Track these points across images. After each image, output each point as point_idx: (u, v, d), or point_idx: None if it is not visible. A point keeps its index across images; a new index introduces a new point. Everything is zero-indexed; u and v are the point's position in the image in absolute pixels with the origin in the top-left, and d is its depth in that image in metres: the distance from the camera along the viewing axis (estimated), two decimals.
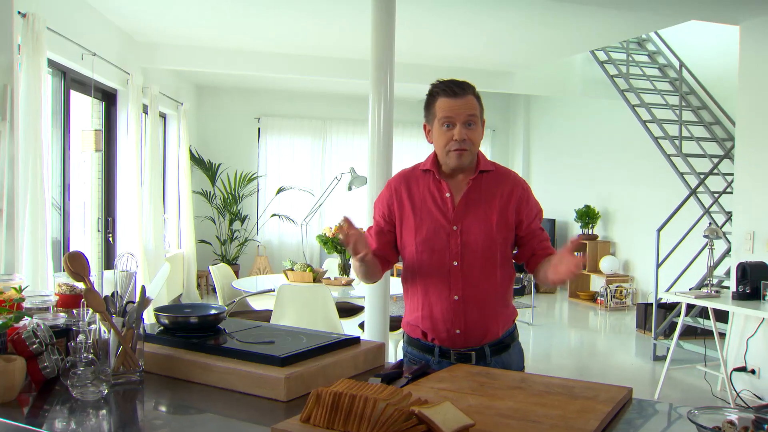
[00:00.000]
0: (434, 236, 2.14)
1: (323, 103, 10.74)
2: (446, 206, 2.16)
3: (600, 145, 9.65)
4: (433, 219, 2.16)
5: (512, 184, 2.19)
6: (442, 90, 2.13)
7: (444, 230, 2.14)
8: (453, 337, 2.14)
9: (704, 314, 5.71)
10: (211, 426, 1.57)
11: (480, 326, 2.13)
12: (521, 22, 6.17)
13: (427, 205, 2.18)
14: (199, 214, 9.69)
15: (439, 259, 2.14)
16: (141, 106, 6.67)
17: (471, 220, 2.13)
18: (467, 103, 2.10)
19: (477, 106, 2.13)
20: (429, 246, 2.15)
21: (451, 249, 2.12)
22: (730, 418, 1.37)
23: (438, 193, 2.18)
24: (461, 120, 2.09)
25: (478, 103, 2.14)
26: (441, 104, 2.12)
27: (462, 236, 2.12)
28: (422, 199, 2.19)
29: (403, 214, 2.22)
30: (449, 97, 2.10)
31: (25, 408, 1.64)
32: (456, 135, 2.09)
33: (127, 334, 1.75)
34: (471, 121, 2.10)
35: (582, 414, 1.49)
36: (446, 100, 2.11)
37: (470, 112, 2.10)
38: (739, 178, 5.50)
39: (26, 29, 4.10)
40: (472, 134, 2.11)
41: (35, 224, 4.09)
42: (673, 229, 6.81)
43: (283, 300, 4.76)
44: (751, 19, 5.35)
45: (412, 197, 2.21)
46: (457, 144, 2.10)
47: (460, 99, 2.10)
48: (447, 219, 2.14)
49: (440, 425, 1.27)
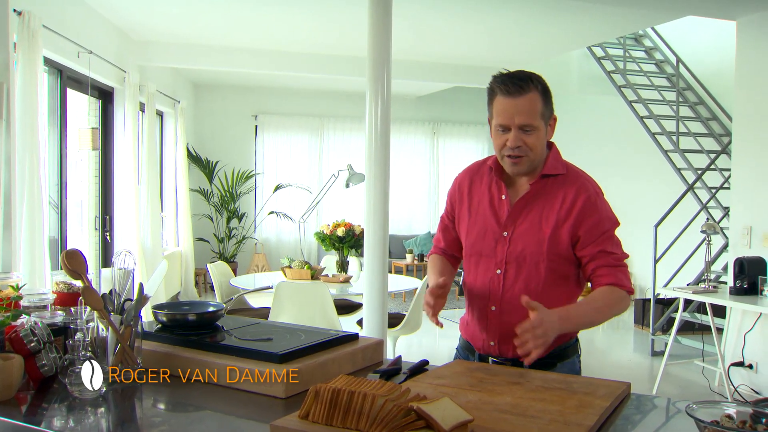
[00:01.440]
0: (482, 240, 1.99)
1: (320, 100, 10.73)
2: (501, 209, 1.98)
3: (597, 141, 9.65)
4: (485, 221, 2.00)
5: (578, 192, 1.92)
6: (499, 86, 1.88)
7: (493, 235, 1.98)
8: (487, 348, 2.02)
9: (702, 309, 5.72)
10: (209, 423, 1.57)
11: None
12: (518, 18, 6.17)
13: (483, 206, 2.02)
14: (196, 212, 9.68)
15: (485, 264, 2.00)
16: (138, 104, 6.66)
17: (524, 228, 1.94)
18: (526, 106, 1.85)
19: (538, 108, 1.87)
20: (477, 250, 2.01)
21: (497, 256, 1.97)
22: (728, 413, 1.37)
23: (497, 194, 2.00)
24: (516, 125, 1.86)
25: (542, 101, 1.89)
26: (498, 105, 1.89)
27: (511, 244, 1.95)
28: (480, 198, 2.03)
29: (461, 213, 2.08)
30: (506, 96, 1.86)
31: (23, 406, 1.64)
32: (510, 142, 1.88)
33: (125, 331, 1.75)
34: (527, 127, 1.87)
35: (580, 409, 1.49)
36: (503, 100, 1.87)
37: (527, 119, 1.86)
38: (737, 173, 5.51)
39: (22, 27, 4.09)
40: (531, 139, 1.88)
41: (32, 222, 4.08)
42: (670, 224, 6.82)
43: (281, 297, 4.76)
44: (748, 14, 5.35)
45: (471, 196, 2.05)
46: (510, 150, 1.89)
47: (518, 99, 1.85)
48: (499, 223, 1.97)
49: (439, 421, 1.27)
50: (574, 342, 2.08)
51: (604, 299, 1.92)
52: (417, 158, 10.99)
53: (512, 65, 8.22)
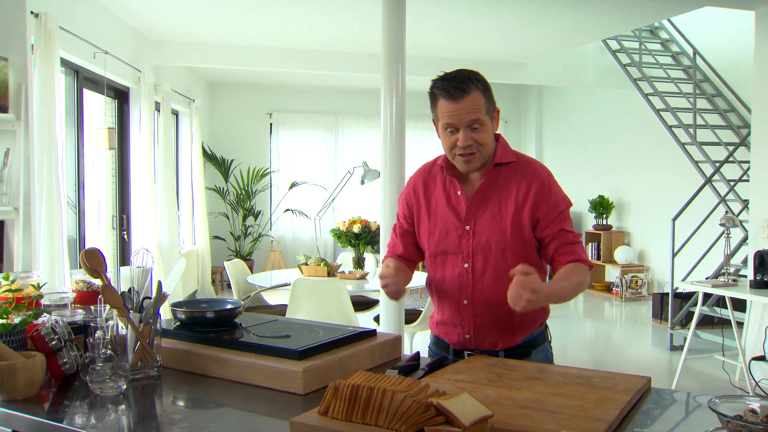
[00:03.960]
0: (446, 238, 2.02)
1: (335, 97, 10.73)
2: (459, 205, 2.02)
3: (613, 134, 9.58)
4: (446, 220, 2.03)
5: (531, 178, 1.98)
6: (440, 91, 1.92)
7: (456, 231, 2.01)
8: (464, 342, 2.05)
9: (721, 303, 5.67)
10: (229, 420, 1.57)
11: (491, 332, 2.02)
12: (533, 12, 6.13)
13: (441, 205, 2.05)
14: (212, 211, 9.73)
15: (452, 261, 2.02)
16: (153, 103, 6.70)
17: (485, 219, 1.98)
18: (469, 106, 1.89)
19: (482, 106, 1.91)
20: (442, 249, 2.04)
21: (463, 250, 2.00)
22: (752, 407, 1.35)
23: (452, 191, 2.04)
24: (464, 125, 1.91)
25: (484, 98, 1.92)
26: (442, 108, 1.93)
27: (475, 236, 1.98)
28: (437, 198, 2.07)
29: (420, 216, 2.11)
30: (449, 100, 1.90)
31: (45, 403, 1.65)
32: (461, 142, 1.92)
33: (144, 329, 1.76)
34: (475, 125, 1.91)
35: (601, 404, 1.48)
36: (446, 104, 1.91)
37: (473, 116, 1.90)
38: (756, 165, 5.44)
39: (39, 29, 4.13)
40: (480, 135, 1.92)
41: (51, 222, 4.12)
42: (688, 218, 6.75)
43: (298, 294, 4.77)
44: (766, 4, 5.28)
45: (428, 197, 2.09)
46: (461, 150, 1.93)
47: (460, 101, 1.89)
48: (459, 219, 2.01)
49: (459, 416, 1.26)
50: (544, 329, 2.13)
51: (576, 276, 1.94)
52: (432, 154, 10.77)
53: (526, 59, 8.20)
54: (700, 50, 8.00)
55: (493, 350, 2.02)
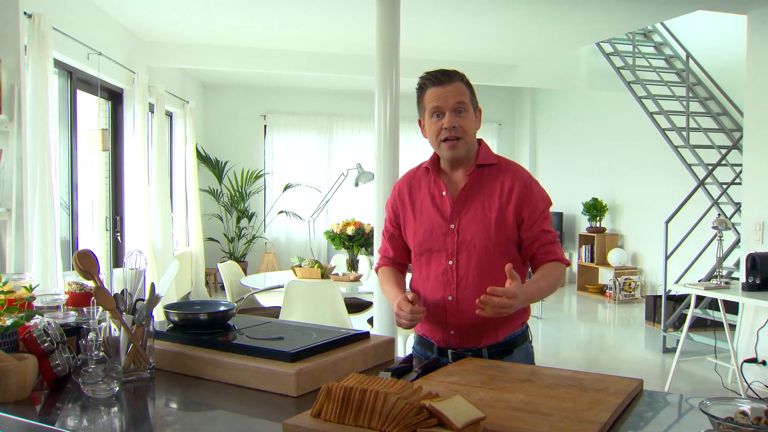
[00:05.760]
0: (431, 237, 2.08)
1: (329, 99, 10.73)
2: (444, 204, 2.08)
3: (607, 137, 9.61)
4: (431, 219, 2.09)
5: (513, 179, 2.07)
6: (429, 80, 2.05)
7: (441, 229, 2.06)
8: (448, 338, 2.08)
9: (714, 306, 5.69)
10: (222, 422, 1.57)
11: (475, 329, 2.05)
12: (527, 14, 6.15)
13: (426, 206, 2.11)
14: (206, 212, 9.71)
15: (436, 259, 2.07)
16: (147, 104, 6.68)
17: (469, 218, 2.04)
18: (455, 90, 2.02)
19: (466, 93, 2.04)
20: (427, 247, 2.09)
21: (447, 248, 2.05)
22: (743, 409, 1.36)
23: (437, 192, 2.11)
24: (450, 107, 2.01)
25: (468, 89, 2.06)
26: (429, 95, 2.05)
27: (459, 234, 2.04)
28: (422, 200, 2.13)
29: (405, 218, 2.17)
30: (436, 86, 2.03)
31: (37, 406, 1.65)
32: (445, 123, 2.01)
33: (137, 331, 1.76)
34: (461, 108, 2.02)
35: (593, 406, 1.49)
36: (434, 89, 2.03)
37: (459, 98, 2.02)
38: (748, 168, 5.47)
39: (32, 30, 4.12)
40: (463, 122, 2.03)
41: (44, 224, 4.10)
42: (681, 220, 6.78)
43: (292, 296, 4.76)
44: (758, 8, 5.31)
45: (413, 200, 2.15)
46: (447, 132, 2.02)
47: (447, 86, 2.02)
48: (444, 218, 2.07)
49: (452, 419, 1.27)
50: (525, 329, 2.17)
51: (554, 275, 2.04)
52: (426, 157, 10.90)
53: (520, 62, 8.21)
54: (693, 54, 8.04)
55: (476, 348, 2.06)
